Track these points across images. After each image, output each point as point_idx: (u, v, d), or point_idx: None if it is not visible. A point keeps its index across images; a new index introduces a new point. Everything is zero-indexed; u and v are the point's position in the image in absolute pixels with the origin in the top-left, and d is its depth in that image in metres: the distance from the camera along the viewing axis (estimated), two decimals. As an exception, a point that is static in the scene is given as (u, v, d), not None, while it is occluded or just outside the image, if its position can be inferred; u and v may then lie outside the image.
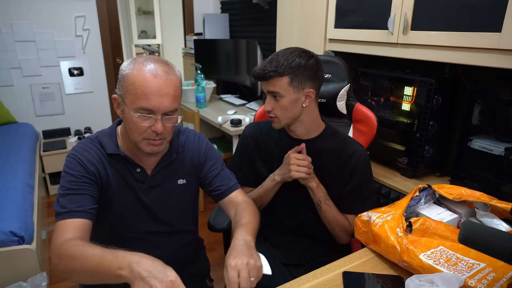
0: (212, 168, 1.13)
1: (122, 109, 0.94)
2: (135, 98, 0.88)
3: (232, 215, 1.10)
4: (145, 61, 0.90)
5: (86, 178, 0.95)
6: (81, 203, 0.91)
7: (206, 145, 1.14)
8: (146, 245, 1.07)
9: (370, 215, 1.02)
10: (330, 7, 1.78)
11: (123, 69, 0.91)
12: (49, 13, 3.00)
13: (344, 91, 1.44)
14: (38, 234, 1.74)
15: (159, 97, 0.88)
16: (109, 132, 1.03)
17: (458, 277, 0.75)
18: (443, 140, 1.60)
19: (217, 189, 1.12)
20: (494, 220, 0.99)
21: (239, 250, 0.83)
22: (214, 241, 2.11)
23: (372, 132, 1.42)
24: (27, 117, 3.14)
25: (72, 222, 0.89)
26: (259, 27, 2.96)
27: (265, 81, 1.10)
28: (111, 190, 1.00)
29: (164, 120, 0.92)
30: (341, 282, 0.90)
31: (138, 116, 0.89)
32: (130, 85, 0.88)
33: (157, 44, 5.31)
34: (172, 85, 0.90)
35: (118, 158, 1.00)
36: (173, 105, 0.91)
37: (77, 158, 0.96)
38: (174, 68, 0.94)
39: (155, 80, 0.87)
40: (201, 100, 2.78)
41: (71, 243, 0.82)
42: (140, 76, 0.87)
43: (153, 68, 0.88)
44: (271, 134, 1.27)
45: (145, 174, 1.03)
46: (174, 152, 1.07)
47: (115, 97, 0.95)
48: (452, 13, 1.25)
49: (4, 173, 2.02)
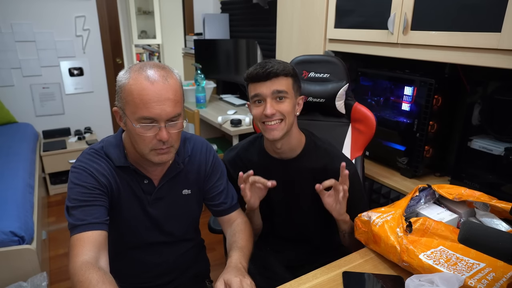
0: (217, 183, 1.11)
1: (124, 121, 0.91)
2: (134, 108, 0.85)
3: (228, 233, 1.10)
4: (140, 68, 0.86)
5: (99, 190, 0.92)
6: (97, 214, 0.89)
7: (213, 157, 1.11)
8: (149, 254, 1.08)
9: (370, 215, 1.02)
10: (330, 7, 1.78)
11: (119, 80, 0.88)
12: (49, 13, 3.00)
13: (342, 91, 1.44)
14: (38, 234, 1.74)
15: (159, 103, 0.84)
16: (115, 143, 0.99)
17: (458, 277, 0.75)
18: (443, 140, 1.60)
19: (220, 206, 1.11)
20: (494, 220, 0.99)
21: (235, 270, 0.88)
22: (215, 241, 2.11)
23: (371, 131, 1.42)
24: (27, 117, 3.14)
25: (91, 235, 0.86)
26: (259, 27, 2.96)
27: (269, 81, 1.01)
28: (121, 202, 0.99)
29: (169, 127, 0.88)
30: (341, 282, 0.90)
31: (140, 126, 0.86)
32: (128, 95, 0.85)
33: (157, 44, 5.31)
34: (172, 89, 0.86)
35: (127, 170, 0.98)
36: (175, 110, 0.87)
37: (87, 169, 0.92)
38: (173, 71, 0.91)
39: (153, 86, 0.84)
40: (201, 100, 2.78)
41: (87, 274, 0.78)
42: (137, 84, 0.84)
43: (150, 74, 0.85)
44: (250, 157, 1.19)
45: (153, 185, 1.02)
46: (181, 162, 1.04)
47: (116, 109, 0.92)
48: (452, 13, 1.25)
49: (4, 173, 2.02)
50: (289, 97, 1.04)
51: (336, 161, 1.11)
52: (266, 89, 1.02)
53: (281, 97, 1.03)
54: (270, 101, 1.02)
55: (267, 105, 1.02)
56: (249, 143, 1.24)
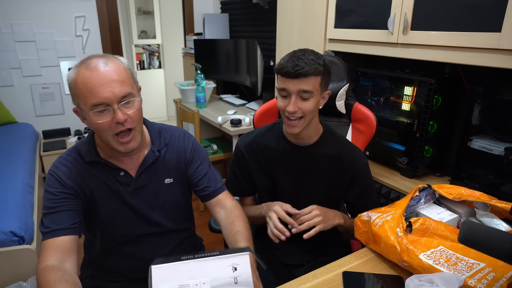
0: (199, 168, 1.12)
1: (83, 117, 0.92)
2: (84, 99, 0.86)
3: (220, 217, 1.10)
4: (81, 62, 0.89)
5: (64, 193, 0.95)
6: (61, 220, 0.93)
7: (192, 143, 1.13)
8: (141, 248, 1.08)
9: (370, 215, 1.02)
10: (330, 7, 1.78)
11: (67, 79, 0.90)
12: (49, 13, 3.00)
13: (343, 91, 1.44)
14: (38, 234, 1.73)
15: (104, 87, 0.85)
16: (87, 140, 1.02)
17: (458, 277, 0.75)
18: (443, 140, 1.60)
19: (205, 190, 1.12)
20: (494, 220, 0.99)
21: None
22: (215, 241, 2.11)
23: (371, 131, 1.42)
24: (27, 117, 3.14)
25: (54, 241, 0.91)
26: (259, 27, 2.96)
27: (297, 79, 1.01)
28: (95, 199, 1.00)
29: (123, 107, 0.89)
30: (341, 282, 0.90)
31: (93, 113, 0.87)
32: (75, 89, 0.87)
33: (157, 44, 5.31)
34: (114, 71, 0.87)
35: (98, 165, 0.99)
36: (123, 89, 0.88)
37: (54, 174, 0.96)
38: (116, 57, 0.92)
39: (93, 73, 0.85)
40: (201, 100, 2.78)
41: (45, 275, 0.84)
42: (80, 76, 0.86)
43: (89, 63, 0.87)
44: (267, 142, 1.22)
45: (130, 177, 1.02)
46: (156, 150, 1.05)
47: (75, 109, 0.93)
48: (452, 13, 1.25)
49: (4, 173, 2.02)
50: (314, 96, 1.05)
51: (351, 152, 1.19)
52: (293, 86, 1.03)
53: (305, 97, 1.04)
54: (295, 98, 1.04)
55: (291, 102, 1.04)
56: (266, 128, 1.26)
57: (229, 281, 0.73)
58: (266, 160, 1.21)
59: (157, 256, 0.75)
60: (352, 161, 1.18)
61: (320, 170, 1.18)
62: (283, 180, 1.21)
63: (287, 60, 1.03)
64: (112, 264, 1.07)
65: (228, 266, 0.74)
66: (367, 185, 1.23)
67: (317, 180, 1.19)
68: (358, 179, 1.19)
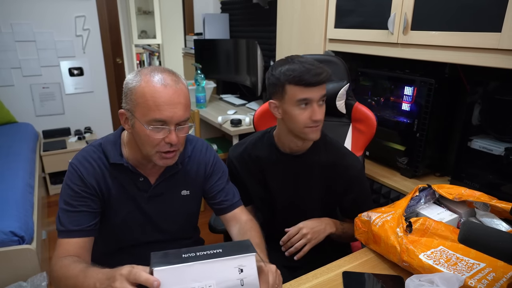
0: (218, 182, 1.11)
1: (131, 123, 0.91)
2: (147, 111, 0.86)
3: (234, 232, 1.09)
4: (151, 72, 0.88)
5: (85, 192, 0.95)
6: (79, 221, 0.93)
7: (213, 157, 1.12)
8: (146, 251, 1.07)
9: (370, 215, 1.02)
10: (330, 7, 1.78)
11: (129, 83, 0.89)
12: (49, 13, 3.00)
13: (343, 91, 1.44)
14: (38, 234, 1.73)
15: (172, 107, 0.86)
16: (113, 140, 1.00)
17: (458, 277, 0.75)
18: (443, 140, 1.60)
19: (221, 204, 1.11)
20: (494, 220, 0.99)
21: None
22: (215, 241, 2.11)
23: (372, 131, 1.42)
24: (27, 117, 3.14)
25: (68, 242, 0.92)
26: (259, 27, 2.96)
27: (319, 86, 1.01)
28: (112, 201, 0.99)
29: (178, 130, 0.90)
30: (341, 282, 0.90)
31: (151, 128, 0.87)
32: (140, 97, 0.86)
33: (157, 44, 5.31)
34: (183, 94, 0.89)
35: (121, 168, 0.98)
36: (185, 114, 0.89)
37: (78, 170, 0.95)
38: (181, 77, 0.93)
39: (166, 90, 0.85)
40: (201, 100, 2.78)
41: (61, 262, 0.87)
42: (150, 87, 0.85)
43: (162, 78, 0.87)
44: (259, 152, 1.20)
45: (148, 183, 1.02)
46: (180, 162, 1.04)
47: (123, 112, 0.92)
48: (452, 13, 1.25)
49: (4, 173, 2.02)
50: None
51: (345, 158, 1.16)
52: (315, 94, 1.01)
53: (323, 101, 1.05)
54: (317, 105, 1.03)
55: (315, 110, 1.02)
56: (257, 138, 1.24)
57: (236, 283, 0.72)
58: (259, 170, 1.20)
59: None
60: (347, 167, 1.15)
61: (315, 178, 1.16)
62: (278, 190, 1.20)
63: (302, 72, 0.98)
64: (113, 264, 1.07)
65: (234, 268, 0.73)
66: (363, 190, 1.21)
67: (312, 188, 1.17)
68: (353, 185, 1.17)
